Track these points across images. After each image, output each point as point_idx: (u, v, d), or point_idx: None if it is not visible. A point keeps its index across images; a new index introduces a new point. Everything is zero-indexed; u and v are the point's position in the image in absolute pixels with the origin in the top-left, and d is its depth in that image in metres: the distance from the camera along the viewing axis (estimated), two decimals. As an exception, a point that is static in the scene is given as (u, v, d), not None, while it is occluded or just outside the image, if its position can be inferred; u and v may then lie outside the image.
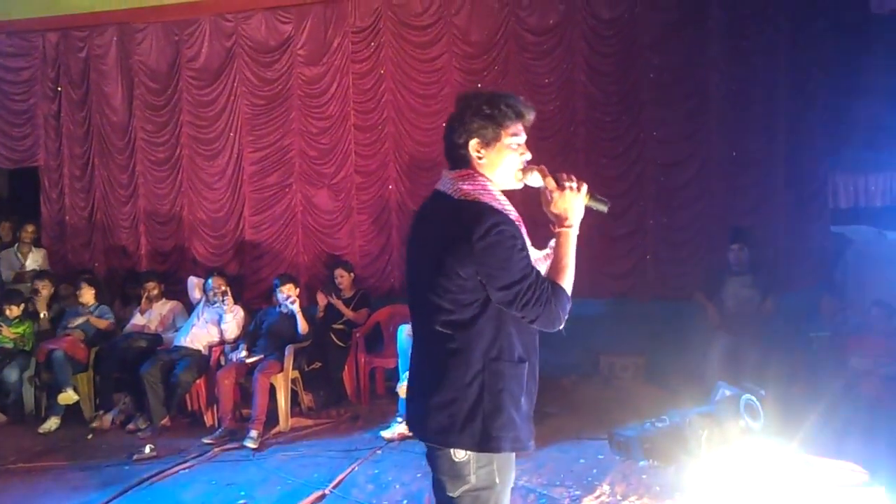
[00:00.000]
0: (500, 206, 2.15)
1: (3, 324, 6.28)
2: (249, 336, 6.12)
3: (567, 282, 2.18)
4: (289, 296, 6.02)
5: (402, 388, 5.35)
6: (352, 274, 6.72)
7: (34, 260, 7.44)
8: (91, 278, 6.77)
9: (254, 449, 5.26)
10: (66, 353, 6.08)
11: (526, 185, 2.27)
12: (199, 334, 6.16)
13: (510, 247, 2.08)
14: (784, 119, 6.34)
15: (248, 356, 5.88)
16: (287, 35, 7.37)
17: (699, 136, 6.57)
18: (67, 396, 5.95)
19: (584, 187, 2.22)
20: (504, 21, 6.91)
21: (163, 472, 4.86)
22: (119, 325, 6.60)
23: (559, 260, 2.20)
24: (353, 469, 4.75)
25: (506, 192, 2.26)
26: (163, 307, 6.58)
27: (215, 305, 6.24)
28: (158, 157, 7.64)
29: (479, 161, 2.20)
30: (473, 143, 2.19)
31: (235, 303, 6.35)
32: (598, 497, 4.12)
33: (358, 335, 6.41)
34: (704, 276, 6.24)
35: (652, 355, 6.31)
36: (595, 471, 4.50)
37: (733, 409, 4.64)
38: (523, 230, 2.17)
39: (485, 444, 2.12)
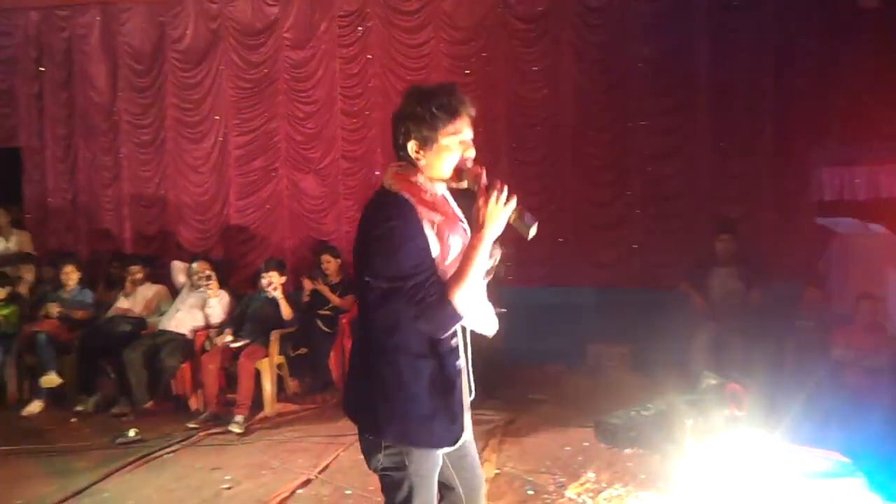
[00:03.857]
0: (418, 202, 2.15)
1: None
2: (235, 320, 6.07)
3: (460, 294, 2.08)
4: (270, 282, 5.97)
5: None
6: (338, 259, 6.68)
7: (17, 242, 7.34)
8: (74, 261, 6.69)
9: (239, 434, 5.24)
10: (49, 336, 6.02)
11: (465, 186, 2.24)
12: (183, 319, 6.12)
13: (399, 244, 2.08)
14: (771, 111, 6.38)
15: (234, 341, 5.84)
16: (273, 18, 7.30)
17: (686, 127, 6.61)
18: (51, 379, 5.90)
19: (513, 202, 2.13)
20: (492, 7, 6.91)
21: (147, 455, 4.83)
22: (103, 308, 6.53)
23: (460, 269, 2.11)
24: (338, 455, 4.74)
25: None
26: (147, 291, 6.52)
27: (199, 290, 6.19)
28: (143, 139, 7.56)
29: (419, 162, 2.20)
30: (411, 145, 2.19)
31: (221, 287, 6.30)
32: (582, 484, 4.14)
33: (344, 321, 6.39)
34: (690, 266, 6.27)
35: (638, 344, 6.34)
36: (580, 458, 4.53)
37: (718, 397, 4.68)
38: (453, 230, 2.19)
39: (373, 430, 2.20)
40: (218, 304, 6.17)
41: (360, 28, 7.17)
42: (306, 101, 7.27)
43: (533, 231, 2.16)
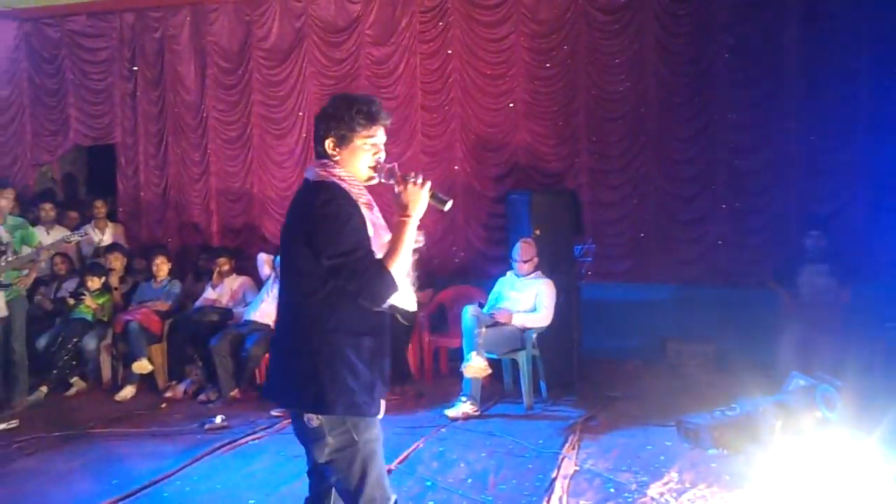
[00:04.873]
0: (346, 187, 2.38)
1: (86, 294, 6.54)
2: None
3: (395, 266, 2.32)
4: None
5: (466, 368, 5.39)
6: (417, 254, 6.74)
7: (111, 234, 7.70)
8: (165, 253, 6.97)
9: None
10: (140, 325, 6.30)
11: (382, 181, 2.47)
12: (268, 310, 6.28)
13: (344, 221, 2.30)
14: (864, 105, 6.11)
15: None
16: (356, 15, 7.40)
17: (775, 120, 6.39)
18: (142, 366, 6.18)
19: (428, 185, 2.39)
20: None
21: (233, 441, 4.99)
22: (191, 299, 6.80)
23: (393, 245, 2.35)
24: (417, 446, 4.79)
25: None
26: (233, 282, 6.74)
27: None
28: (230, 135, 7.79)
29: (335, 158, 2.43)
30: (328, 142, 2.43)
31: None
32: (665, 483, 4.07)
33: (422, 315, 6.45)
34: (779, 263, 6.07)
35: (721, 343, 6.19)
36: (662, 457, 4.45)
37: (808, 399, 4.53)
38: (374, 213, 2.43)
39: (319, 407, 2.32)
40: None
41: (440, 23, 7.20)
42: (387, 96, 7.34)
43: (448, 205, 2.45)
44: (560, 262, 6.00)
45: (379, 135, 2.45)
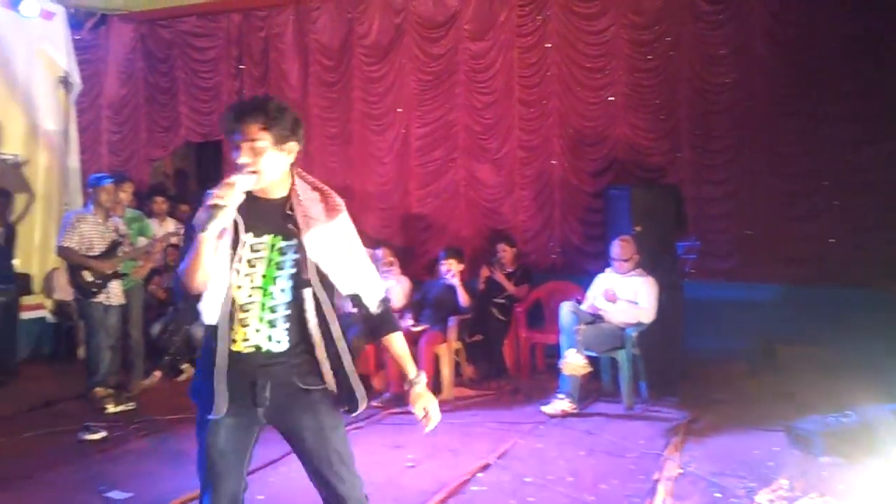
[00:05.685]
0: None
1: None
2: (415, 306, 6.31)
3: (181, 268, 2.30)
4: (449, 269, 6.13)
5: (565, 365, 5.35)
6: (514, 248, 6.76)
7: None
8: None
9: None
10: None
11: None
12: (367, 302, 6.41)
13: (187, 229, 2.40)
14: None
15: (414, 325, 6.07)
16: (454, 10, 7.44)
17: (891, 112, 6.03)
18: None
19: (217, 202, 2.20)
20: (676, -11, 6.66)
21: (336, 431, 5.12)
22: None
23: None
24: (515, 442, 4.81)
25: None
26: (333, 275, 6.90)
27: (383, 275, 6.47)
28: (331, 131, 7.97)
29: None
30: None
31: (401, 273, 6.56)
32: (774, 490, 3.93)
33: (519, 310, 6.45)
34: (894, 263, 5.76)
35: (832, 346, 5.91)
36: (771, 463, 4.31)
37: (933, 409, 4.28)
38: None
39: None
40: (399, 289, 6.43)
41: (538, 17, 7.16)
42: (485, 91, 7.37)
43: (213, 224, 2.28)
44: (662, 260, 5.87)
45: (236, 143, 2.30)
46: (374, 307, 2.46)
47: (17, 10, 7.19)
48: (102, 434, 5.06)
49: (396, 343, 2.51)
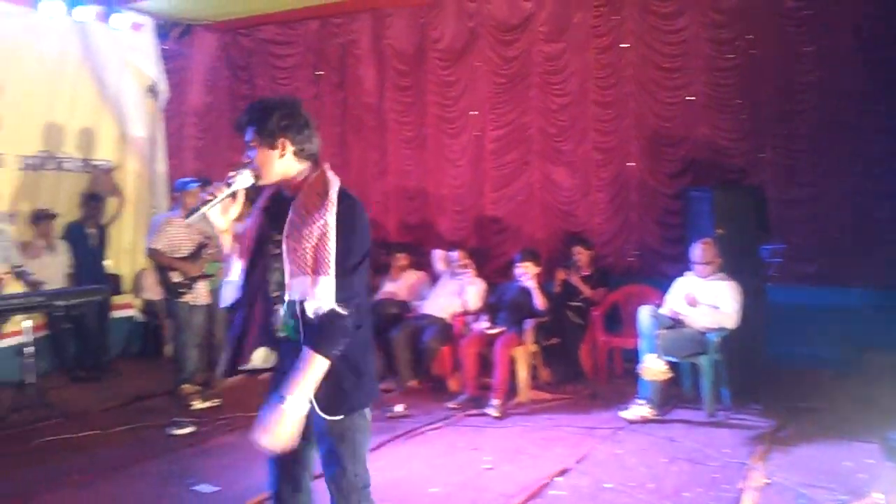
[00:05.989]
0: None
1: None
2: (491, 308, 6.32)
3: None
4: (525, 272, 6.12)
5: (644, 370, 5.28)
6: (591, 251, 6.70)
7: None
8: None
9: (496, 417, 5.45)
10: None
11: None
12: (443, 304, 6.48)
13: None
14: None
15: (490, 327, 6.08)
16: (528, 13, 7.42)
17: None
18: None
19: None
20: (759, -15, 6.48)
21: (414, 430, 5.19)
22: (371, 292, 7.12)
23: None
24: (593, 447, 4.76)
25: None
26: (410, 277, 7.00)
27: (458, 277, 6.52)
28: (406, 135, 8.06)
29: None
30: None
31: (476, 275, 6.59)
32: None
33: (596, 314, 6.39)
34: None
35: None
36: (863, 475, 4.14)
37: None
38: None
39: None
40: (475, 292, 6.45)
41: (614, 17, 7.07)
42: (559, 93, 7.33)
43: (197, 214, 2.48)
44: (744, 263, 5.72)
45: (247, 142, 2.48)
46: (309, 311, 2.34)
47: (107, 22, 7.51)
48: (190, 429, 5.27)
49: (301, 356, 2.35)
